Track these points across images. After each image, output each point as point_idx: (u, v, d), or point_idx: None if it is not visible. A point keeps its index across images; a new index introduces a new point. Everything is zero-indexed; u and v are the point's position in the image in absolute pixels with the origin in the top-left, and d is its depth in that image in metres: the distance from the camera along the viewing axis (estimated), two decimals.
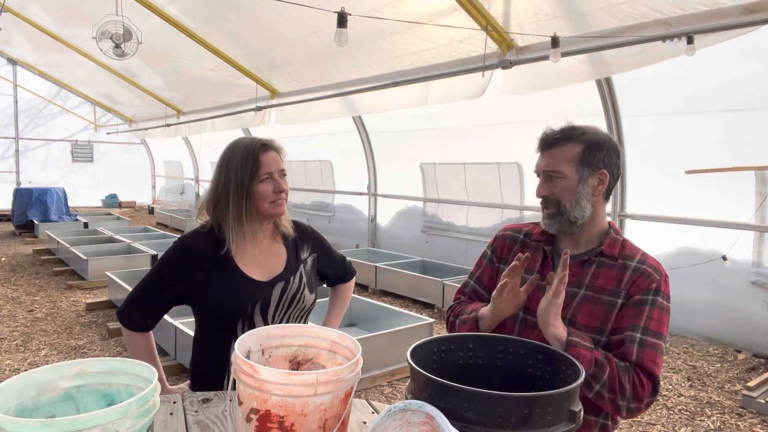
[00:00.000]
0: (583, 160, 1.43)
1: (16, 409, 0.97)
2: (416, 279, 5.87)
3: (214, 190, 1.66)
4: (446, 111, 6.21)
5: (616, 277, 1.42)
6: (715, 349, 4.38)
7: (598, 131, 1.47)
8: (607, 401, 1.30)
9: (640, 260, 1.43)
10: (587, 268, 1.45)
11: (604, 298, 1.41)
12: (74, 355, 4.18)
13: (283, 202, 1.66)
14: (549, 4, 3.87)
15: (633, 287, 1.40)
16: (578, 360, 1.22)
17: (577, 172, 1.43)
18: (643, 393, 1.31)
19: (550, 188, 1.46)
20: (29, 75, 13.00)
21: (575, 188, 1.43)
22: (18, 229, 10.01)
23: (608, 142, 1.46)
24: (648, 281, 1.39)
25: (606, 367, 1.30)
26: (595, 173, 1.44)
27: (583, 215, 1.44)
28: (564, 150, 1.44)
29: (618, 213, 5.00)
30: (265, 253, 1.72)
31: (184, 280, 1.64)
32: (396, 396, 3.57)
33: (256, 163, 1.61)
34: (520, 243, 1.60)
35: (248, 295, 1.63)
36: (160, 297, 1.66)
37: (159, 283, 1.67)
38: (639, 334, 1.35)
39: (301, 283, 1.73)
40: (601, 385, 1.29)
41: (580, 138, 1.44)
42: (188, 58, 7.48)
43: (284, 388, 1.00)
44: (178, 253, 1.66)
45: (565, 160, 1.43)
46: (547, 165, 1.46)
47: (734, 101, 4.20)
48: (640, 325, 1.35)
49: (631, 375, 1.31)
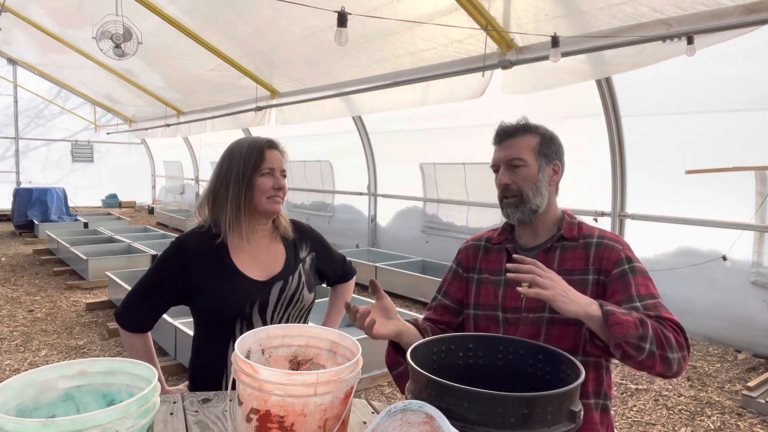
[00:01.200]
0: (541, 150, 1.51)
1: (16, 409, 0.97)
2: (416, 279, 5.87)
3: (215, 181, 1.68)
4: (446, 111, 6.21)
5: (582, 256, 1.46)
6: (715, 349, 4.38)
7: (549, 130, 1.56)
8: (658, 359, 1.25)
9: (599, 236, 1.49)
10: (552, 255, 1.50)
11: (575, 278, 1.44)
12: (74, 355, 4.18)
13: (280, 200, 1.67)
14: (549, 4, 3.87)
15: (603, 262, 1.43)
16: (623, 326, 1.21)
17: (537, 161, 1.50)
18: (681, 339, 1.29)
19: (512, 177, 1.50)
20: (29, 75, 13.00)
21: (536, 176, 1.49)
22: (18, 229, 10.01)
23: (557, 139, 1.56)
24: (615, 253, 1.43)
25: (648, 323, 1.26)
26: (550, 163, 1.52)
27: (543, 203, 1.50)
28: (524, 140, 1.51)
29: (618, 213, 5.00)
30: (263, 252, 1.72)
31: (181, 280, 1.63)
32: (396, 396, 3.57)
33: (260, 156, 1.63)
34: (483, 249, 1.63)
35: (246, 294, 1.62)
36: (158, 298, 1.66)
37: (156, 283, 1.66)
38: (638, 302, 1.36)
39: (300, 283, 1.72)
40: (650, 341, 1.23)
41: (536, 130, 1.53)
42: (188, 58, 7.48)
43: (284, 388, 1.00)
44: (176, 253, 1.66)
45: (526, 149, 1.50)
46: (509, 154, 1.51)
47: (734, 101, 4.20)
48: (634, 294, 1.37)
49: (664, 324, 1.29)
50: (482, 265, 1.61)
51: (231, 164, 1.65)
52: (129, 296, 1.68)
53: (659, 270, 4.71)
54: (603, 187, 5.04)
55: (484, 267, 1.60)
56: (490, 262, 1.60)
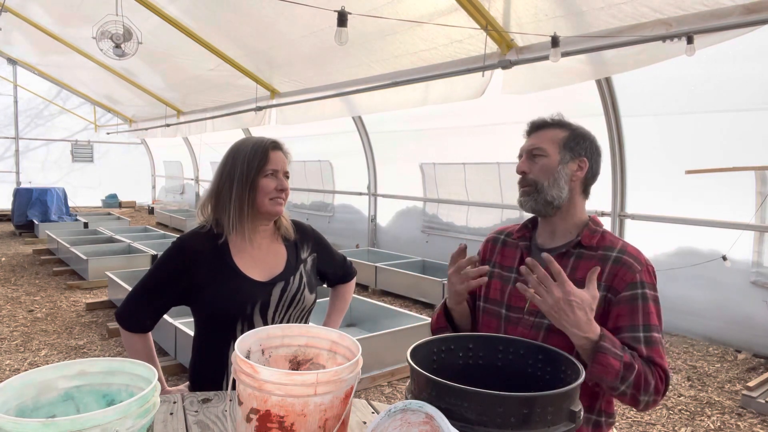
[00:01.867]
0: (567, 144, 1.48)
1: (16, 409, 0.97)
2: (416, 279, 5.87)
3: (218, 181, 1.67)
4: (446, 111, 6.20)
5: None
6: (715, 349, 4.38)
7: (586, 129, 1.54)
8: (629, 397, 1.28)
9: (620, 250, 1.42)
10: (566, 261, 1.45)
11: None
12: (74, 355, 4.18)
13: (282, 201, 1.66)
14: (549, 4, 3.87)
15: (615, 280, 1.38)
16: (605, 369, 1.23)
17: (559, 153, 1.47)
18: (661, 386, 1.31)
19: (530, 166, 1.49)
20: (29, 75, 13.00)
21: (554, 167, 1.46)
22: (18, 229, 10.01)
23: (593, 140, 1.53)
24: (630, 273, 1.38)
25: (634, 367, 1.27)
26: (576, 159, 1.48)
27: (560, 196, 1.46)
28: (550, 132, 1.50)
29: (618, 213, 5.00)
30: (264, 253, 1.71)
31: (182, 280, 1.63)
32: (396, 396, 3.57)
33: (265, 157, 1.63)
34: (501, 243, 1.64)
35: (247, 295, 1.62)
36: (159, 298, 1.65)
37: (157, 283, 1.66)
38: (642, 333, 1.34)
39: (301, 283, 1.72)
40: (627, 384, 1.26)
41: (568, 126, 1.51)
42: (188, 58, 7.48)
43: (284, 388, 1.00)
44: (177, 253, 1.65)
45: (550, 141, 1.48)
46: (531, 144, 1.50)
47: (734, 101, 4.20)
48: (639, 324, 1.35)
49: (653, 370, 1.31)
50: (497, 259, 1.61)
51: (235, 164, 1.64)
52: (130, 296, 1.68)
53: (659, 270, 4.70)
54: (603, 187, 5.04)
55: (498, 261, 1.60)
56: (504, 257, 1.59)
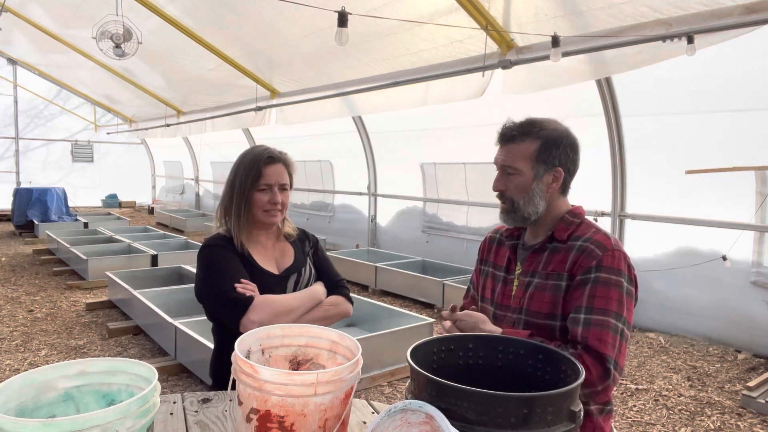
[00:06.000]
0: (539, 157, 1.45)
1: (16, 409, 0.97)
2: (416, 279, 5.87)
3: (225, 191, 1.82)
4: (446, 111, 6.21)
5: (563, 259, 1.43)
6: (715, 349, 4.38)
7: (557, 126, 1.48)
8: None
9: (585, 239, 1.42)
10: (540, 256, 1.49)
11: (550, 282, 1.43)
12: (74, 355, 4.18)
13: (276, 213, 1.76)
14: (549, 4, 3.86)
15: (575, 267, 1.40)
16: None
17: (532, 169, 1.45)
18: (591, 377, 1.26)
19: (506, 183, 1.49)
20: (29, 75, 13.00)
21: (529, 185, 1.45)
22: (18, 229, 10.01)
23: (566, 139, 1.47)
24: (589, 259, 1.38)
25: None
26: (550, 170, 1.46)
27: (536, 211, 1.47)
28: (521, 146, 1.46)
29: (618, 213, 5.00)
30: (271, 250, 1.84)
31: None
32: (396, 396, 3.57)
33: (258, 173, 1.73)
34: (497, 242, 1.67)
35: (268, 288, 1.71)
36: (239, 268, 1.69)
37: (226, 264, 1.70)
38: (582, 314, 1.34)
39: (311, 274, 1.84)
40: None
41: (537, 134, 1.45)
42: (188, 58, 7.48)
43: (284, 388, 1.00)
44: (215, 249, 1.74)
45: (521, 157, 1.46)
46: (504, 160, 1.49)
47: (734, 101, 4.20)
48: (582, 306, 1.35)
49: (583, 355, 1.29)
50: (492, 258, 1.64)
51: (236, 176, 1.77)
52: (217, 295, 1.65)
53: (659, 270, 4.71)
54: (603, 187, 5.04)
55: (493, 260, 1.64)
56: (498, 256, 1.63)
